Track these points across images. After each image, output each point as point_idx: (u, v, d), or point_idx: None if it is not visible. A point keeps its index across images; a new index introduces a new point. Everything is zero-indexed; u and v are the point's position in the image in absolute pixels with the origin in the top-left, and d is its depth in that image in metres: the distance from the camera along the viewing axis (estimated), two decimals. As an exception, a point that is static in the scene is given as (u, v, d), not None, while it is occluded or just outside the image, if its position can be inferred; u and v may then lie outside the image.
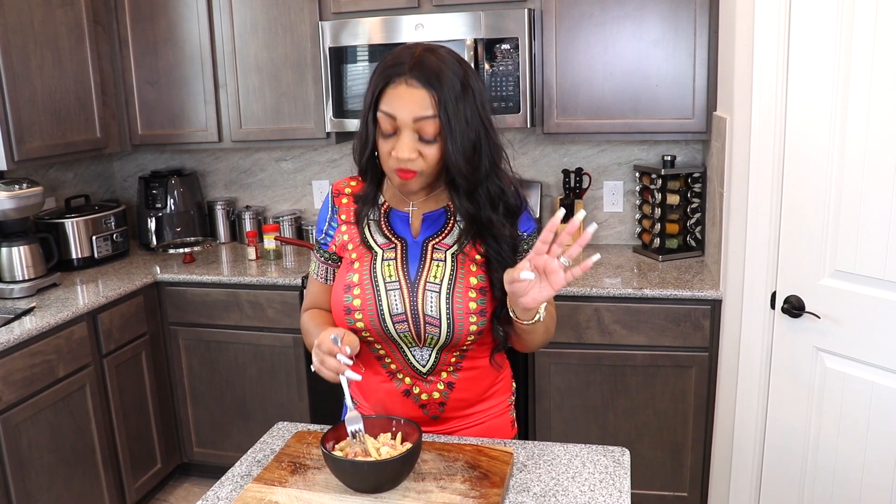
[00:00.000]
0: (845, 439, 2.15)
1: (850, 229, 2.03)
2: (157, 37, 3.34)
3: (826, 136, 2.04)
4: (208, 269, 3.27)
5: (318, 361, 1.40)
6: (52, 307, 2.75)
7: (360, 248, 1.57)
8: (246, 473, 1.52)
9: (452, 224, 1.57)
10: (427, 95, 1.39)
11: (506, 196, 1.52)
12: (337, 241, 1.61)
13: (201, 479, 3.47)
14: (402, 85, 1.40)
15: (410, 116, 1.40)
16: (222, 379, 3.26)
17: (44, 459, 2.60)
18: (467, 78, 1.43)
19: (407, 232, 1.58)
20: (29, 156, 2.92)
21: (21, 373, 2.49)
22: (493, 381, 1.67)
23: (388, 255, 1.55)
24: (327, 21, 3.07)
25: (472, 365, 1.59)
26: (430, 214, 1.58)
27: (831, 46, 2.00)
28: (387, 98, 1.42)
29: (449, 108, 1.39)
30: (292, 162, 3.74)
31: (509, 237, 1.52)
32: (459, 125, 1.40)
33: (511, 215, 1.54)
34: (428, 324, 1.51)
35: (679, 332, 2.72)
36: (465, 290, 1.51)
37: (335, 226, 1.62)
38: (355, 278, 1.54)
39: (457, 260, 1.53)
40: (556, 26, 2.91)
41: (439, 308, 1.50)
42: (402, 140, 1.42)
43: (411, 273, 1.53)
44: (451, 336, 1.51)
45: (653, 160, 3.30)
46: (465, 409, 1.64)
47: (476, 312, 1.50)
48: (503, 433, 1.70)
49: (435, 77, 1.39)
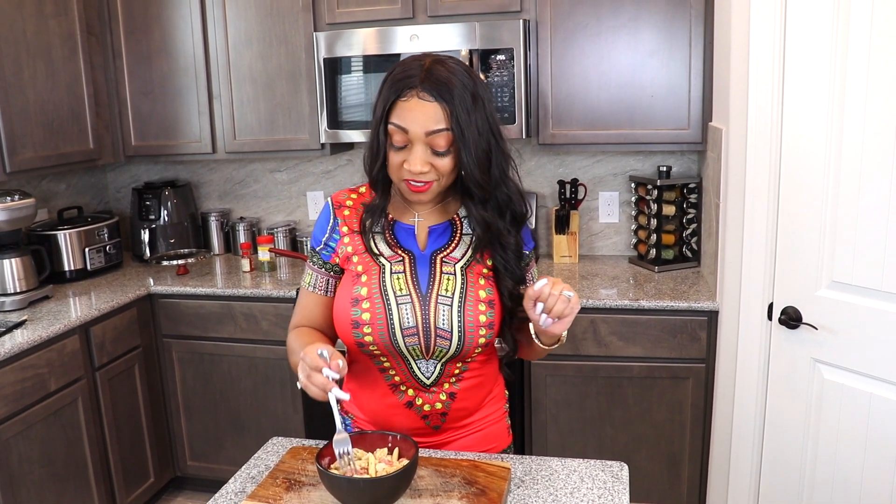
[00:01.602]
0: (843, 451, 2.14)
1: (846, 240, 2.03)
2: (150, 47, 3.33)
3: (822, 146, 2.04)
4: (202, 281, 3.25)
5: (305, 377, 1.35)
6: (44, 320, 2.73)
7: (366, 260, 1.56)
8: (240, 490, 1.50)
9: (459, 237, 1.58)
10: (439, 108, 1.40)
11: (513, 204, 1.54)
12: (340, 252, 1.59)
13: (195, 493, 3.44)
14: (414, 98, 1.40)
15: (423, 130, 1.40)
16: (216, 392, 3.23)
17: (35, 474, 2.57)
18: (476, 88, 1.44)
19: (413, 245, 1.57)
20: (21, 167, 2.90)
21: (12, 387, 2.46)
22: (490, 389, 1.68)
23: (397, 268, 1.54)
24: (322, 32, 3.07)
25: (473, 375, 1.60)
26: (436, 227, 1.59)
27: (827, 56, 2.00)
28: (398, 111, 1.42)
29: (461, 120, 1.40)
30: (287, 173, 3.73)
31: (514, 245, 1.55)
32: (472, 136, 1.41)
33: (517, 223, 1.56)
34: (439, 337, 1.51)
35: (676, 343, 2.71)
36: (475, 304, 1.52)
37: (337, 237, 1.60)
38: (363, 292, 1.52)
39: (466, 273, 1.54)
40: (552, 37, 2.91)
41: (451, 321, 1.50)
42: (415, 153, 1.42)
43: (422, 286, 1.53)
44: (461, 348, 1.52)
45: (648, 171, 3.29)
46: (465, 418, 1.64)
47: (486, 325, 1.52)
48: (500, 440, 1.71)
49: (446, 89, 1.39)
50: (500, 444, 1.71)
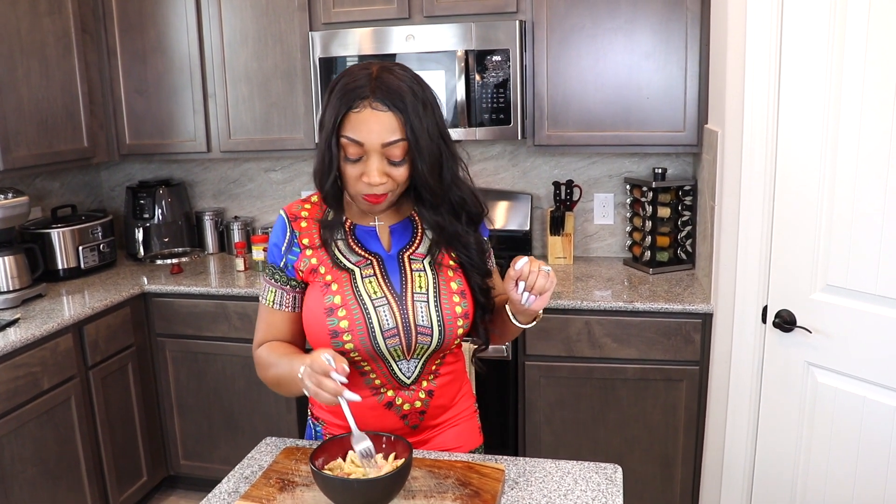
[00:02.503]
0: (836, 454, 2.14)
1: (841, 244, 2.03)
2: (145, 46, 3.32)
3: (818, 149, 2.04)
4: (196, 280, 3.24)
5: (314, 384, 1.35)
6: (38, 318, 2.72)
7: (334, 269, 1.54)
8: (233, 490, 1.50)
9: (421, 233, 1.61)
10: (394, 118, 1.39)
11: (467, 205, 1.56)
12: (303, 266, 1.56)
13: (188, 492, 3.43)
14: (367, 109, 1.39)
15: (379, 142, 1.40)
16: (210, 391, 3.22)
17: (27, 473, 2.56)
18: (424, 92, 1.44)
19: (378, 247, 1.58)
20: (15, 165, 2.89)
21: (4, 385, 2.45)
22: (461, 385, 1.71)
23: (367, 271, 1.54)
24: (317, 31, 3.06)
25: (448, 371, 1.63)
26: (396, 227, 1.61)
27: (824, 59, 2.00)
28: (351, 123, 1.40)
29: (415, 128, 1.40)
30: (281, 172, 3.72)
31: (475, 243, 1.58)
32: (425, 143, 1.42)
33: (473, 223, 1.59)
34: (420, 333, 1.52)
35: (670, 345, 2.71)
36: (449, 296, 1.54)
37: (297, 251, 1.57)
38: (337, 300, 1.51)
39: (435, 268, 1.57)
40: (548, 38, 2.91)
41: (430, 317, 1.52)
42: (371, 165, 1.42)
43: (396, 287, 1.54)
44: (441, 342, 1.53)
45: (644, 173, 3.30)
46: (440, 415, 1.66)
47: (462, 316, 1.55)
48: (473, 437, 1.74)
49: (399, 98, 1.39)
50: (472, 442, 1.73)
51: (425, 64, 2.92)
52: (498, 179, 3.45)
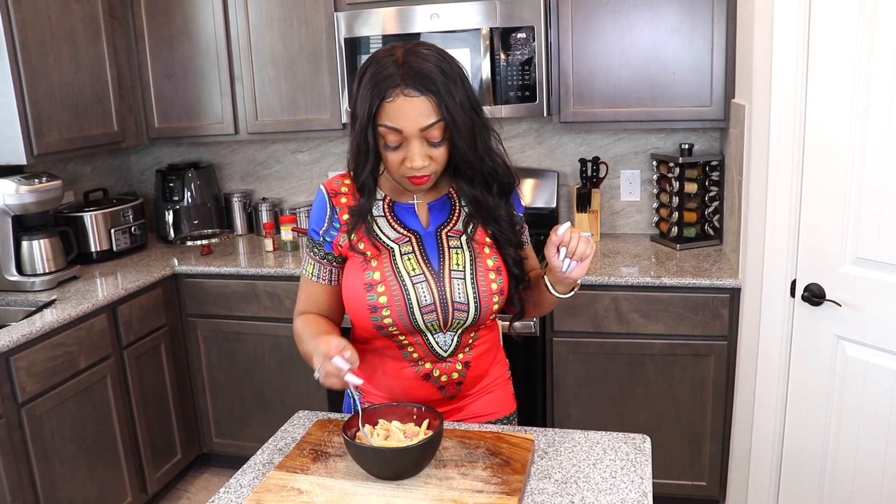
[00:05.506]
0: (866, 428, 2.14)
1: (871, 216, 2.01)
2: (172, 30, 3.36)
3: (847, 121, 2.02)
4: (226, 260, 3.29)
5: (320, 367, 1.38)
6: (73, 299, 2.77)
7: (373, 246, 1.57)
8: (268, 461, 1.53)
9: (459, 210, 1.62)
10: (427, 102, 1.40)
11: (499, 175, 1.56)
12: (342, 241, 1.59)
13: (221, 470, 3.49)
14: (400, 97, 1.39)
15: (417, 127, 1.41)
16: (241, 370, 3.27)
17: (67, 449, 2.62)
18: (452, 68, 1.44)
19: (417, 223, 1.60)
20: (48, 150, 2.94)
21: (43, 364, 2.51)
22: (496, 353, 1.75)
23: (405, 248, 1.56)
24: (342, 12, 3.07)
25: (483, 342, 1.65)
26: (435, 203, 1.62)
27: (853, 29, 1.97)
28: (386, 112, 1.41)
29: (450, 107, 1.41)
30: (308, 153, 3.75)
31: (506, 215, 1.59)
32: (461, 118, 1.43)
33: (505, 193, 1.60)
34: (457, 310, 1.55)
35: (698, 320, 2.71)
36: (485, 273, 1.56)
37: (337, 227, 1.60)
38: (377, 276, 1.54)
39: (472, 245, 1.58)
40: (572, 14, 2.89)
41: (466, 293, 1.54)
42: (413, 150, 1.43)
43: (434, 263, 1.56)
44: (478, 318, 1.56)
45: (670, 149, 3.28)
46: (476, 384, 1.69)
47: (497, 293, 1.57)
48: (507, 403, 1.77)
49: (429, 80, 1.39)
50: (506, 408, 1.77)
51: (450, 42, 2.92)
52: (524, 157, 3.45)
